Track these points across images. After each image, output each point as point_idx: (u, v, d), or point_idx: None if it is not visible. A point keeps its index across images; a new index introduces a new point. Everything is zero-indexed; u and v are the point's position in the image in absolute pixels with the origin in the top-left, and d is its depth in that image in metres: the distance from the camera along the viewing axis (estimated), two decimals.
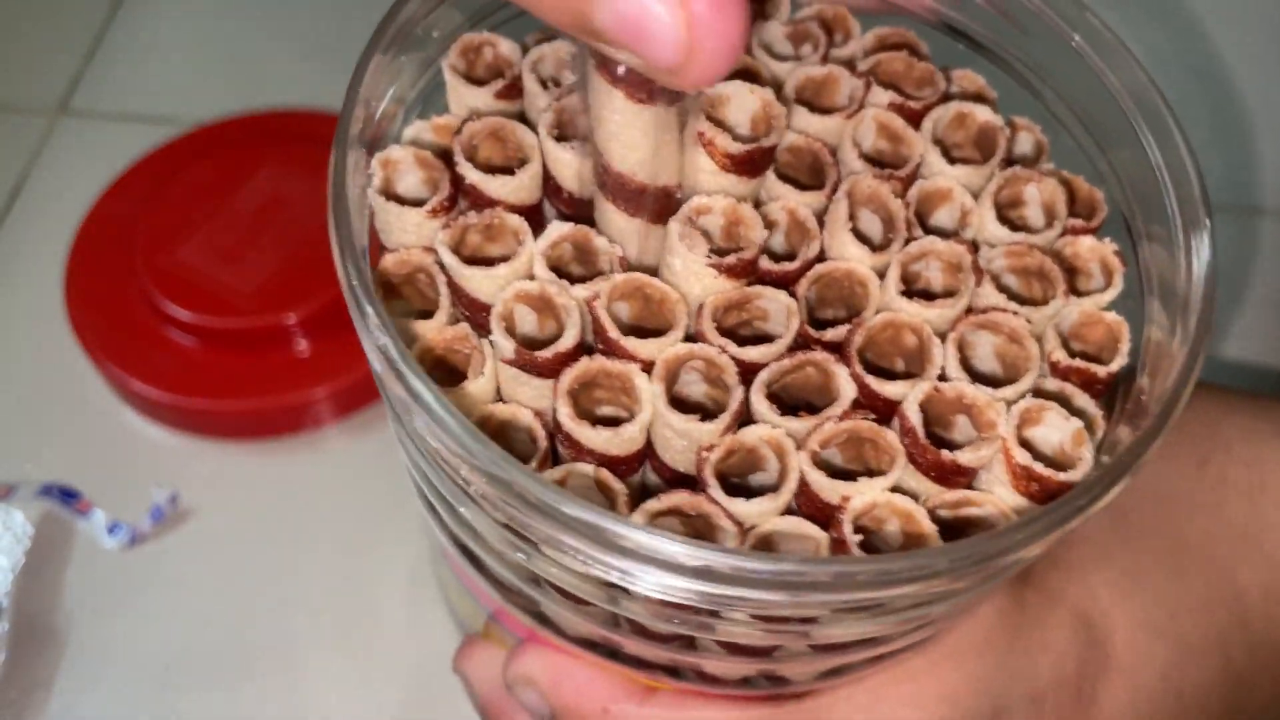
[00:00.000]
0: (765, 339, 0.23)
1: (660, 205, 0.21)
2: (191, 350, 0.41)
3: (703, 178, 0.22)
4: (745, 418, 0.22)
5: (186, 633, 0.38)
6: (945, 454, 0.21)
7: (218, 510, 0.40)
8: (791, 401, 0.23)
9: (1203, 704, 0.29)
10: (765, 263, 0.23)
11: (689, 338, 0.22)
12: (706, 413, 0.22)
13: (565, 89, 0.22)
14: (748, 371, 0.22)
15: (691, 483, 0.22)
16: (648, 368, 0.22)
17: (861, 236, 0.24)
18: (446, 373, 0.23)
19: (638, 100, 0.19)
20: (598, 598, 0.23)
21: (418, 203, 0.23)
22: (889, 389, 0.22)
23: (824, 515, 0.21)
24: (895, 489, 0.22)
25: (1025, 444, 0.22)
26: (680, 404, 0.22)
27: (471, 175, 0.23)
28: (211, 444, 0.41)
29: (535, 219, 0.24)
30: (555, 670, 0.27)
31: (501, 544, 0.22)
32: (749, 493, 0.21)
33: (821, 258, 0.24)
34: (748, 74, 0.24)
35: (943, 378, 0.22)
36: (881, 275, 0.23)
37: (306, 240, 0.42)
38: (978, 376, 0.23)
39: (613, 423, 0.22)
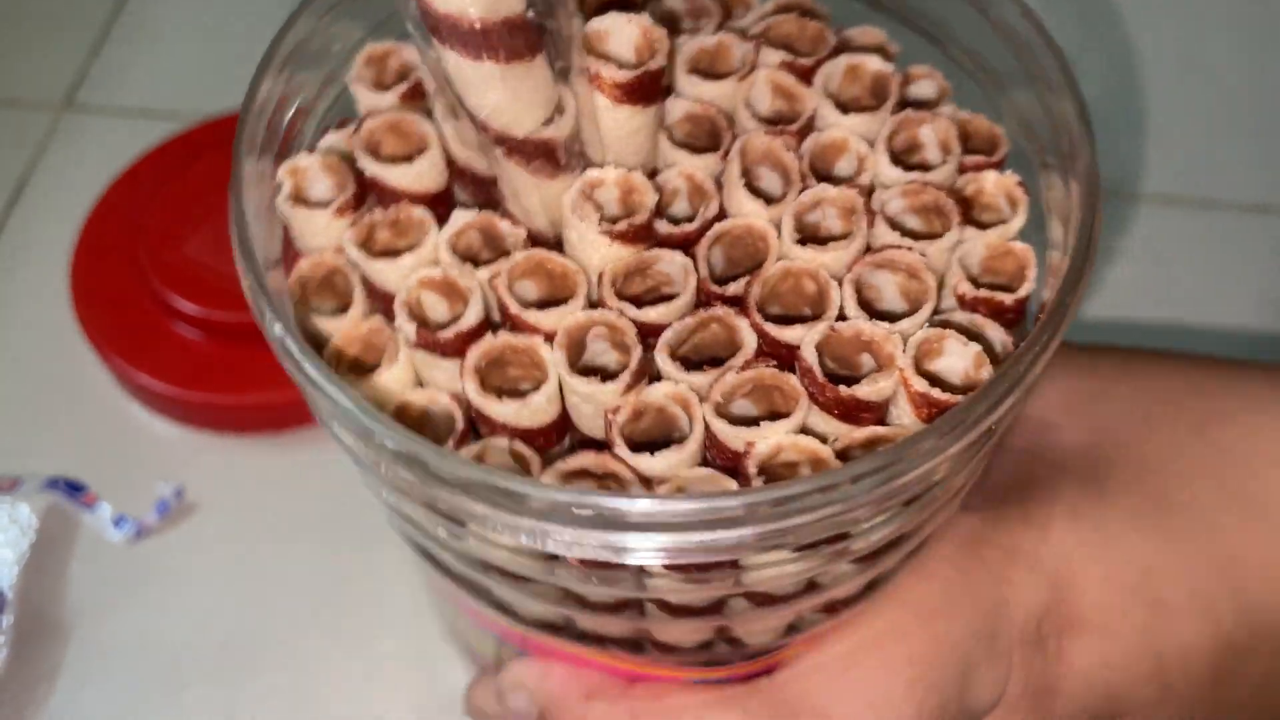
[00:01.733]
0: (660, 296, 0.23)
1: (540, 154, 0.22)
2: (197, 344, 0.41)
3: (602, 116, 0.23)
4: (655, 379, 0.23)
5: (191, 627, 0.38)
6: (843, 389, 0.21)
7: (223, 504, 0.40)
8: (702, 360, 0.23)
9: (1184, 667, 0.28)
10: (666, 227, 0.24)
11: (595, 306, 0.23)
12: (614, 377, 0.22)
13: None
14: (652, 334, 0.23)
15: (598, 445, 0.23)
16: (553, 339, 0.22)
17: (761, 194, 0.24)
18: (369, 369, 0.24)
19: (473, 58, 0.20)
20: (534, 571, 0.23)
21: (325, 205, 0.24)
22: (788, 334, 0.22)
23: (735, 464, 0.22)
24: (806, 432, 0.22)
25: (930, 375, 0.22)
26: (593, 372, 0.22)
27: (371, 168, 0.24)
28: (217, 438, 0.42)
29: (444, 207, 0.25)
30: (540, 671, 0.28)
31: (441, 531, 0.23)
32: None
33: (722, 217, 0.24)
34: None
35: (844, 319, 0.23)
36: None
37: None
38: (885, 317, 0.23)
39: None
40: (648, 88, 0.23)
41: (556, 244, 0.24)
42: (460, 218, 0.24)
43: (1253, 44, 0.51)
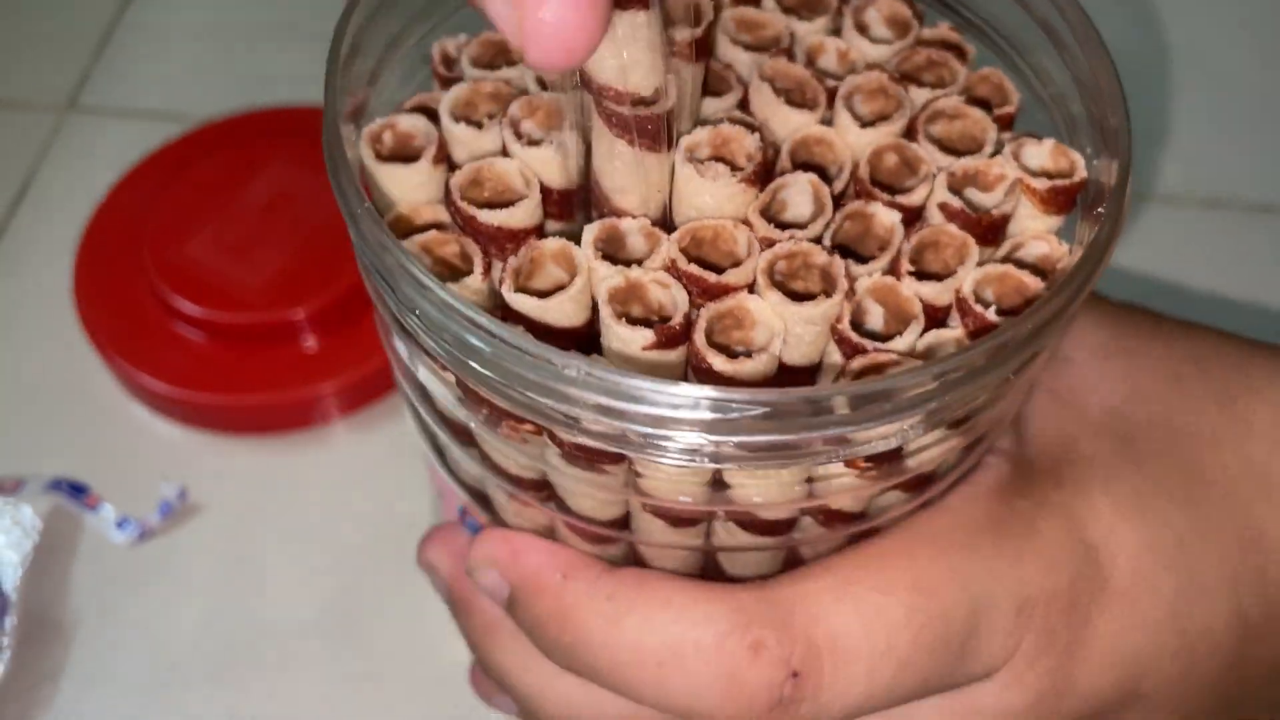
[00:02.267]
0: (790, 223, 0.25)
1: (651, 129, 0.23)
2: (199, 345, 0.41)
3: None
4: None
5: (194, 628, 0.38)
6: (992, 213, 0.25)
7: (225, 505, 0.40)
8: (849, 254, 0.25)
9: (1210, 645, 0.27)
10: None
11: None
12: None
13: None
14: None
15: (812, 371, 0.25)
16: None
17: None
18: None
19: None
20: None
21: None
22: (914, 197, 0.25)
23: (945, 314, 0.24)
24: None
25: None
26: None
27: (493, 218, 0.23)
28: (219, 439, 0.41)
29: (542, 235, 0.24)
30: (512, 549, 0.27)
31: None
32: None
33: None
34: None
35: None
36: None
37: (314, 235, 0.42)
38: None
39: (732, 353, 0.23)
40: (708, 43, 0.24)
41: (661, 224, 0.25)
42: (589, 233, 0.24)
43: (1264, 44, 0.53)
